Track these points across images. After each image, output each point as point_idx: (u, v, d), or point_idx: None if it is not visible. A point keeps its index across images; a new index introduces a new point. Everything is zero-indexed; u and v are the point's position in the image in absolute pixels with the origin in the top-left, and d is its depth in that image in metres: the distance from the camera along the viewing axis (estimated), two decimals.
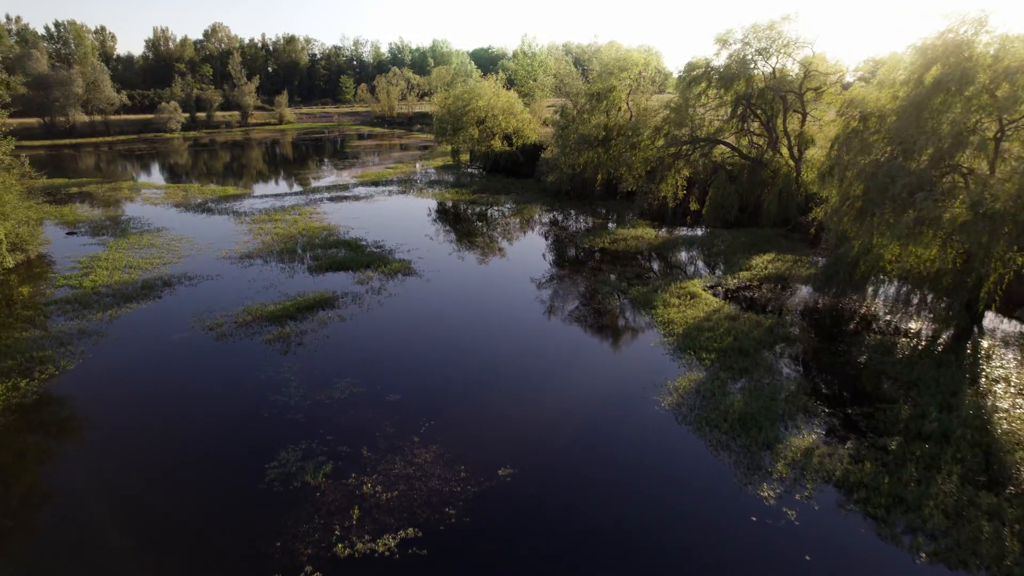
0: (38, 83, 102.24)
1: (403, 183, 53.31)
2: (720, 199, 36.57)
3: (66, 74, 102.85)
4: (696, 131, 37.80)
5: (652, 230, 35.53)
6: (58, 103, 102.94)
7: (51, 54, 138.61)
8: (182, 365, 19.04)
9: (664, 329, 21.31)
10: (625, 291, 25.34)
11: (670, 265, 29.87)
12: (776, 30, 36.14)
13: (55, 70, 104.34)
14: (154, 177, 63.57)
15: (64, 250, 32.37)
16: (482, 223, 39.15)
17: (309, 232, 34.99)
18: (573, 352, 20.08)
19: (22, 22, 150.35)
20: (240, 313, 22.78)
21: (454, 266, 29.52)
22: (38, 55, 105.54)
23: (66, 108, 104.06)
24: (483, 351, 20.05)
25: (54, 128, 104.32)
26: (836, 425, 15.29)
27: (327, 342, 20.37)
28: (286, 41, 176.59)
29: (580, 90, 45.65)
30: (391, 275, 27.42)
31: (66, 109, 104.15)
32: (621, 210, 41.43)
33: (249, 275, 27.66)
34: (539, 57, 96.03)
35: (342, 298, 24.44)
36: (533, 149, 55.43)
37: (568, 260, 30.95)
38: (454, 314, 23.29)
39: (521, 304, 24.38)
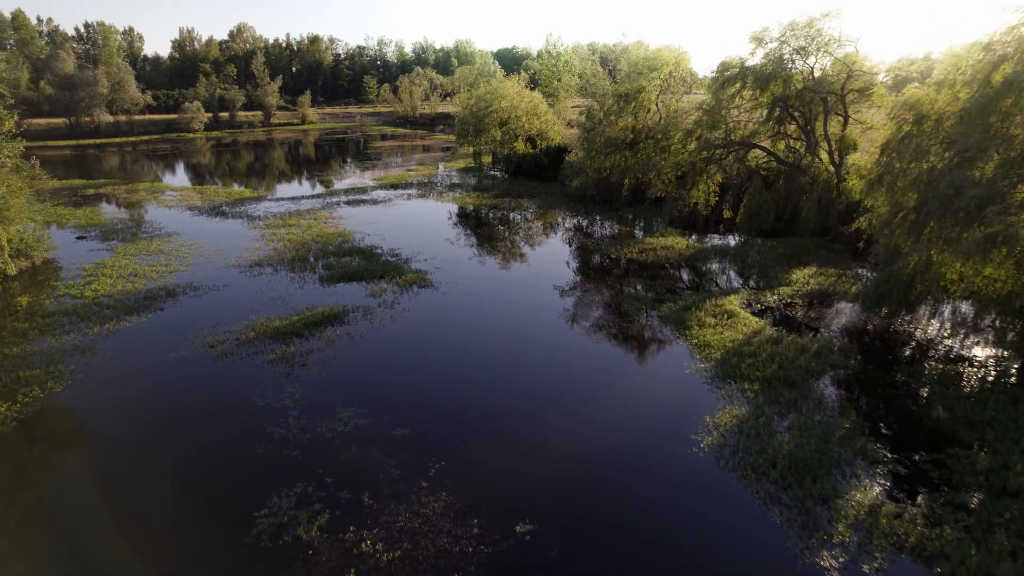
0: (64, 83, 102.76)
1: (423, 186, 51.88)
2: (755, 206, 34.50)
3: (91, 74, 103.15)
4: (730, 134, 35.77)
5: (682, 239, 33.60)
6: (83, 103, 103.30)
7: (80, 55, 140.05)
8: (175, 389, 17.61)
9: (700, 354, 19.46)
10: (656, 308, 23.52)
11: (703, 278, 27.96)
12: (815, 28, 34.03)
13: (81, 70, 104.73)
14: (173, 178, 62.86)
15: (72, 256, 31.34)
16: (503, 230, 37.51)
17: (323, 239, 33.61)
18: (600, 380, 18.31)
19: (53, 23, 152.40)
20: (243, 329, 21.37)
21: (472, 277, 27.91)
22: (64, 55, 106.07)
23: (91, 108, 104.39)
24: (500, 378, 18.37)
25: (79, 128, 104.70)
26: (902, 475, 13.37)
27: (333, 364, 18.84)
28: (310, 41, 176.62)
29: (607, 91, 43.77)
30: (406, 287, 25.87)
31: (91, 109, 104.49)
32: (649, 217, 39.51)
33: (257, 285, 26.30)
34: (563, 57, 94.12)
35: (352, 313, 22.93)
36: (557, 152, 53.66)
37: (594, 271, 29.18)
38: (470, 333, 21.64)
39: (543, 322, 22.67)
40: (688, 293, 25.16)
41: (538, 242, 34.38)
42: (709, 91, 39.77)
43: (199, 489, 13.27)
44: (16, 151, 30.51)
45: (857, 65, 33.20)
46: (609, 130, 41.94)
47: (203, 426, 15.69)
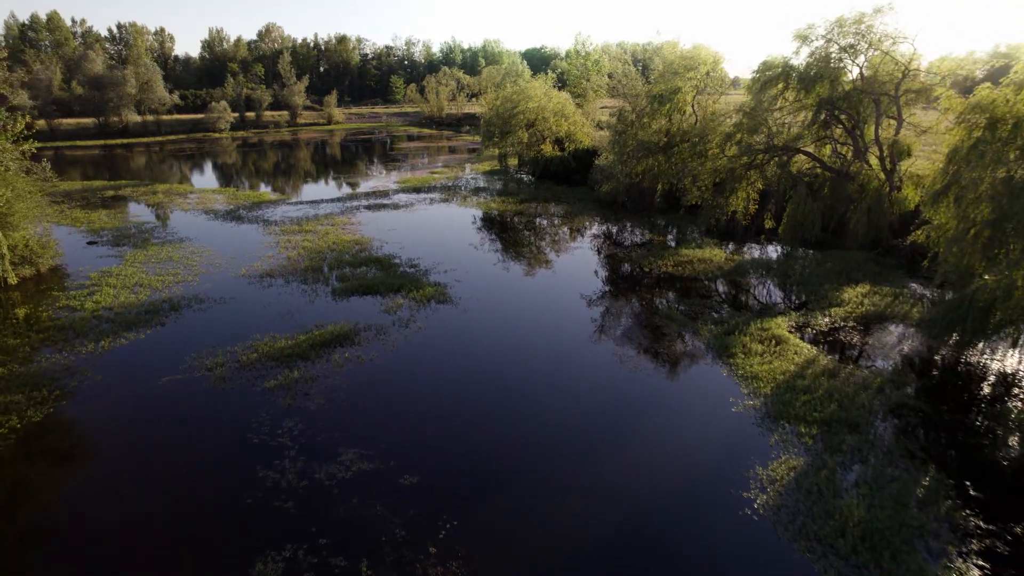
0: (94, 83, 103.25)
1: (446, 190, 50.17)
2: (800, 216, 32.08)
3: (120, 74, 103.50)
4: (773, 139, 33.42)
5: (720, 251, 31.35)
6: (112, 103, 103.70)
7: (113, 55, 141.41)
8: (163, 421, 15.99)
9: (747, 387, 17.34)
10: (695, 330, 21.42)
11: (746, 296, 25.76)
12: (865, 24, 31.61)
13: (110, 71, 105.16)
14: (195, 179, 62.05)
15: (79, 262, 30.14)
16: (528, 238, 35.59)
17: (339, 247, 32.00)
18: (634, 418, 16.28)
19: (86, 24, 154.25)
20: (245, 350, 19.75)
21: (494, 292, 26.03)
22: (93, 56, 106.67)
23: (119, 108, 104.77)
24: (522, 414, 16.42)
25: (108, 128, 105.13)
26: (1003, 553, 11.17)
27: (339, 394, 17.08)
28: (338, 41, 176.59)
29: (640, 91, 41.61)
30: (423, 303, 24.08)
31: (119, 109, 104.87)
32: (683, 225, 37.29)
33: (266, 298, 24.74)
34: (592, 56, 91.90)
35: (364, 332, 21.19)
36: (586, 154, 51.56)
37: (625, 285, 27.13)
38: (490, 359, 19.73)
39: (570, 346, 20.69)
40: (730, 313, 23.01)
41: (565, 252, 32.38)
42: (748, 92, 37.45)
43: (172, 551, 11.55)
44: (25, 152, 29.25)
45: (914, 64, 30.66)
46: (642, 133, 39.79)
47: (188, 469, 14.01)
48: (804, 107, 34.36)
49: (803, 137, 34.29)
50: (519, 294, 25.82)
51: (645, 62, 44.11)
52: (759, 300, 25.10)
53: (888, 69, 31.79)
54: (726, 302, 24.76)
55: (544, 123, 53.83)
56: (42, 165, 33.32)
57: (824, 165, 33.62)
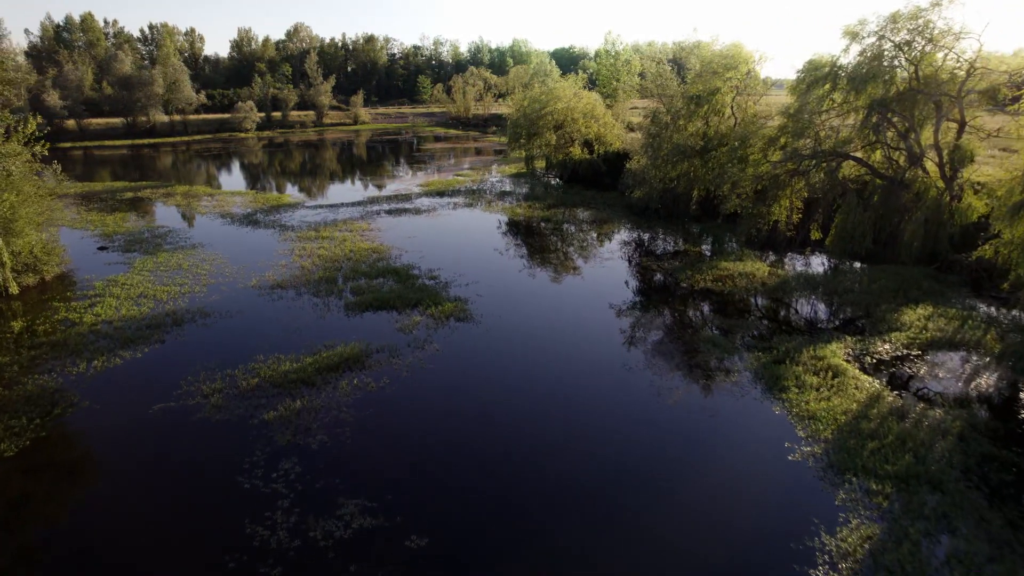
0: (122, 83, 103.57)
1: (471, 194, 48.39)
2: (849, 227, 29.67)
3: (148, 74, 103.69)
4: (820, 143, 31.05)
5: (762, 264, 29.06)
6: (139, 103, 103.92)
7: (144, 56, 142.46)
8: (146, 460, 14.35)
9: (804, 429, 15.21)
10: (741, 357, 19.30)
11: (793, 316, 23.54)
12: (923, 19, 29.11)
13: (138, 71, 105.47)
14: (218, 180, 61.15)
15: (87, 269, 28.93)
16: (556, 247, 33.63)
17: (356, 255, 30.37)
18: (675, 465, 14.25)
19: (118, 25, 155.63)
20: (247, 373, 18.11)
21: (518, 308, 24.13)
22: (122, 56, 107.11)
23: (147, 108, 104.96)
24: (546, 457, 14.45)
25: (136, 128, 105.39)
26: None
27: (344, 430, 15.31)
28: (365, 40, 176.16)
29: (675, 92, 39.41)
30: (441, 320, 22.27)
31: (147, 109, 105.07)
32: (720, 234, 35.04)
33: (275, 312, 23.16)
34: (623, 56, 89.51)
35: (376, 355, 19.43)
36: (616, 157, 49.41)
37: (661, 303, 25.04)
38: (513, 388, 17.80)
39: (602, 374, 18.71)
40: (778, 337, 20.83)
41: (595, 263, 30.34)
42: (791, 94, 35.09)
43: None
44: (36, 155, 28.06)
45: (980, 61, 28.08)
46: (677, 136, 37.62)
47: (169, 520, 12.31)
48: (853, 109, 31.95)
49: (851, 141, 31.88)
50: (545, 311, 23.87)
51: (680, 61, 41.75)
52: (808, 321, 22.87)
53: (950, 67, 29.23)
54: (772, 323, 22.57)
55: (573, 124, 51.81)
56: (52, 167, 32.26)
57: (875, 172, 31.13)
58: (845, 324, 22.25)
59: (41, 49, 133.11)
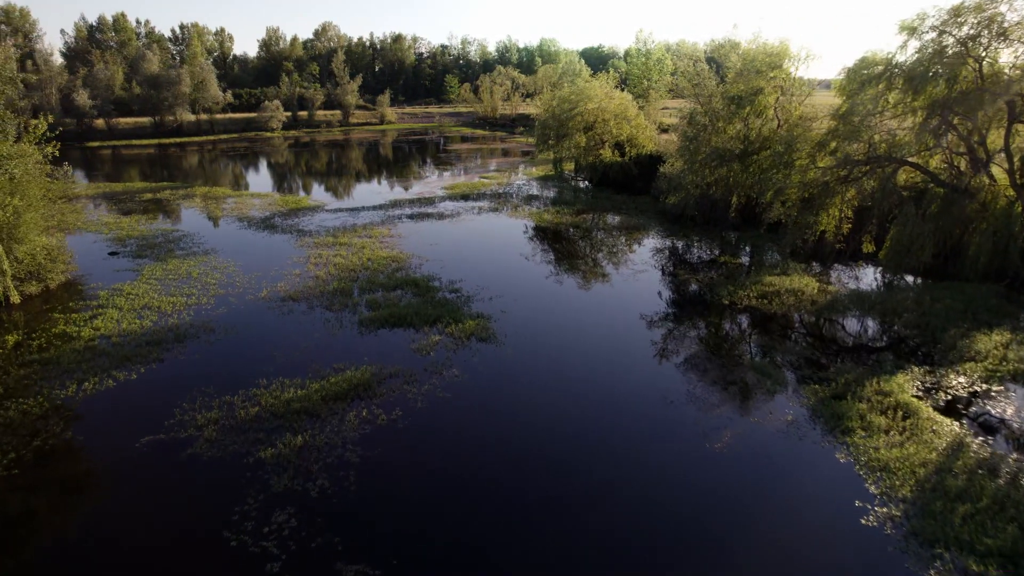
0: (150, 83, 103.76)
1: (496, 198, 46.55)
2: (907, 239, 27.18)
3: (175, 74, 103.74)
4: (875, 148, 28.64)
5: (811, 279, 26.77)
6: (167, 102, 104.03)
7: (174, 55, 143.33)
8: (124, 509, 12.67)
9: (877, 484, 13.06)
10: (795, 390, 17.19)
11: (849, 340, 21.31)
12: (990, 11, 26.56)
13: (167, 70, 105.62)
14: (240, 180, 60.13)
15: (95, 276, 27.67)
16: (585, 258, 31.61)
17: (374, 264, 28.71)
18: (726, 526, 12.18)
19: (150, 25, 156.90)
20: (246, 401, 16.47)
21: (546, 327, 22.21)
22: (150, 56, 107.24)
23: (174, 107, 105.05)
24: (577, 514, 12.54)
25: (163, 127, 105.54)
26: None
27: (348, 473, 13.53)
28: (393, 40, 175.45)
29: (713, 92, 37.15)
30: (461, 340, 20.45)
31: (174, 108, 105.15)
32: (762, 245, 32.76)
33: (284, 328, 21.56)
34: (655, 54, 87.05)
35: (388, 380, 17.67)
36: (649, 161, 47.18)
37: (701, 323, 22.94)
38: (539, 426, 15.83)
39: (637, 408, 16.73)
40: (835, 366, 18.65)
41: (628, 277, 28.27)
42: (840, 94, 32.64)
43: None
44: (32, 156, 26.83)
45: None
46: (715, 138, 35.38)
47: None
48: (911, 111, 29.42)
49: (908, 145, 29.38)
50: (575, 332, 21.91)
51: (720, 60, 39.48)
52: (867, 347, 20.63)
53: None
54: (826, 349, 20.35)
55: (604, 126, 49.72)
56: (63, 169, 31.14)
57: (936, 179, 28.59)
58: (909, 351, 19.94)
59: (75, 50, 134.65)
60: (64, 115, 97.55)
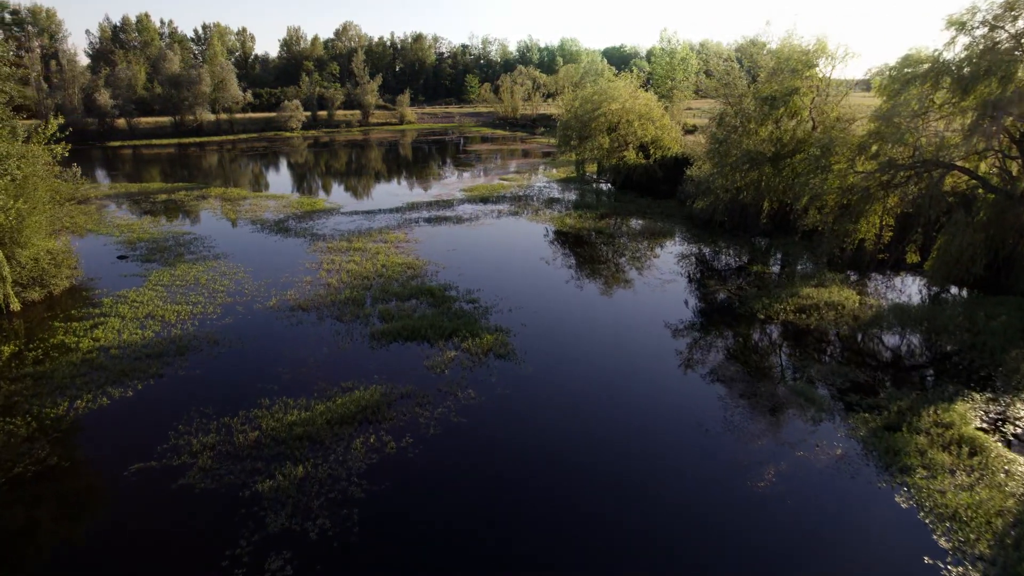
0: (171, 82, 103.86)
1: (516, 200, 45.17)
2: (955, 249, 25.37)
3: (195, 73, 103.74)
4: (921, 151, 26.87)
5: (852, 292, 25.11)
6: (187, 102, 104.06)
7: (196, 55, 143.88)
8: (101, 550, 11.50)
9: (947, 535, 11.52)
10: (842, 419, 15.66)
11: (897, 360, 19.66)
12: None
13: (186, 70, 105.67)
14: (257, 180, 59.35)
15: (99, 282, 26.78)
16: (609, 266, 30.13)
17: (388, 271, 27.51)
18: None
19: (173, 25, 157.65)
20: (246, 423, 15.30)
21: (569, 342, 20.81)
22: (171, 56, 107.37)
23: (194, 107, 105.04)
24: (604, 563, 11.16)
25: (183, 126, 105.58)
26: None
27: (351, 512, 12.25)
28: (413, 39, 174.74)
29: (744, 92, 35.50)
30: (478, 357, 19.13)
31: (194, 108, 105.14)
32: (796, 253, 31.08)
33: (291, 341, 20.39)
34: (679, 54, 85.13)
35: (399, 402, 16.41)
36: (674, 163, 45.59)
37: (735, 339, 21.40)
38: (563, 459, 14.41)
39: (669, 437, 15.29)
40: (884, 391, 17.07)
41: (655, 287, 26.76)
42: (880, 94, 30.87)
43: None
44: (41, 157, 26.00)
45: None
46: (747, 140, 33.72)
47: None
48: (959, 112, 27.62)
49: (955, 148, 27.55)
50: (600, 348, 20.48)
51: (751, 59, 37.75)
52: (918, 369, 18.98)
53: None
54: (872, 370, 18.72)
55: (628, 127, 48.16)
56: (73, 170, 30.34)
57: (987, 185, 26.76)
58: (966, 374, 18.25)
59: (100, 50, 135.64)
60: (86, 115, 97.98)
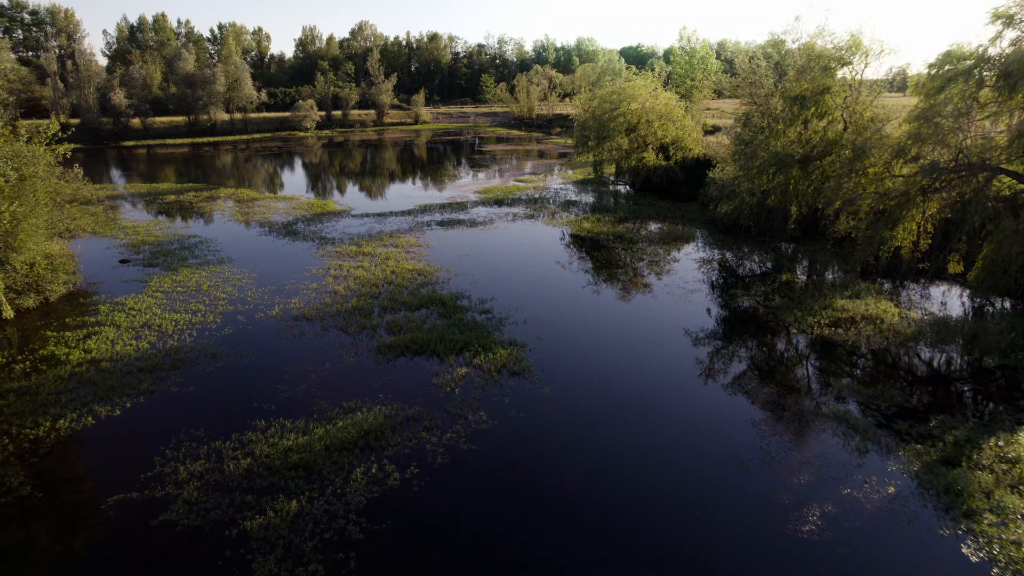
0: (186, 82, 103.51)
1: (532, 203, 43.78)
2: (1003, 258, 23.68)
3: (210, 73, 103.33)
4: (967, 154, 25.19)
5: (888, 303, 23.51)
6: (201, 101, 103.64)
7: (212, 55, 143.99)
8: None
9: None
10: (887, 445, 14.16)
11: (946, 382, 18.07)
12: None
13: (200, 69, 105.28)
14: (269, 180, 58.33)
15: (101, 287, 25.79)
16: (630, 274, 28.65)
17: (398, 278, 26.27)
18: None
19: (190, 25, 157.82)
20: (238, 449, 14.07)
21: (588, 358, 19.41)
22: (186, 55, 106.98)
23: (208, 106, 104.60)
24: None
25: (197, 126, 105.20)
26: None
27: (346, 559, 10.94)
28: (429, 39, 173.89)
29: (771, 91, 33.91)
30: (491, 375, 17.79)
31: (208, 107, 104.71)
32: (827, 260, 29.48)
33: (292, 355, 19.17)
34: (699, 53, 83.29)
35: (405, 426, 15.12)
36: (696, 164, 44.02)
37: (766, 356, 19.91)
38: (582, 496, 13.03)
39: (701, 471, 13.86)
40: (935, 418, 15.52)
41: (679, 297, 25.26)
42: (918, 93, 29.18)
43: None
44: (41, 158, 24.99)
45: None
46: (774, 142, 32.14)
47: None
48: (1006, 111, 25.92)
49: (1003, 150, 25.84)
50: (623, 366, 19.06)
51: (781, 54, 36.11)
52: (970, 393, 17.38)
53: None
54: (920, 393, 17.15)
55: (648, 127, 46.61)
56: (74, 172, 29.42)
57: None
58: None
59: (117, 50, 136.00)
60: (102, 114, 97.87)
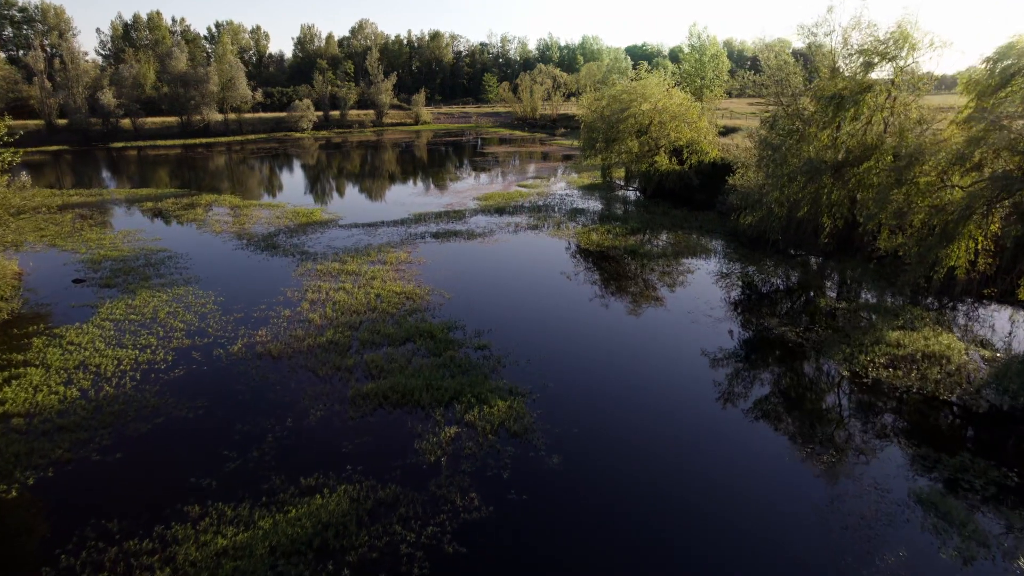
0: (178, 81, 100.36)
1: (535, 212, 40.45)
2: None
3: (203, 72, 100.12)
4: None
5: (950, 336, 20.15)
6: (193, 101, 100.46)
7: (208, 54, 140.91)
8: None
9: None
10: (1002, 547, 10.87)
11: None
12: None
13: (193, 68, 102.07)
14: (260, 185, 55.08)
15: (43, 313, 22.55)
16: (647, 296, 25.36)
17: (383, 303, 23.00)
18: None
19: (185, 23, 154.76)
20: (157, 550, 10.81)
21: (609, 409, 16.09)
22: (178, 53, 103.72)
23: (200, 107, 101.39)
24: None
25: (190, 127, 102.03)
26: None
27: None
28: (431, 38, 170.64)
29: (801, 89, 30.59)
30: (486, 437, 14.48)
31: (200, 108, 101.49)
32: (867, 281, 26.17)
33: (247, 407, 15.91)
34: (710, 51, 79.94)
35: (375, 516, 11.80)
36: (713, 170, 40.66)
37: (818, 408, 16.60)
38: None
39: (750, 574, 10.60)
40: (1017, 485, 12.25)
41: (708, 328, 21.90)
42: (967, 92, 25.92)
43: None
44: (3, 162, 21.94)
45: None
46: (806, 147, 28.83)
47: None
48: None
49: None
50: (648, 422, 15.74)
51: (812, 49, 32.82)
52: None
53: None
54: (1019, 462, 13.83)
55: (660, 129, 43.25)
56: (21, 181, 26.24)
57: None
58: None
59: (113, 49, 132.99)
60: (90, 115, 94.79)
